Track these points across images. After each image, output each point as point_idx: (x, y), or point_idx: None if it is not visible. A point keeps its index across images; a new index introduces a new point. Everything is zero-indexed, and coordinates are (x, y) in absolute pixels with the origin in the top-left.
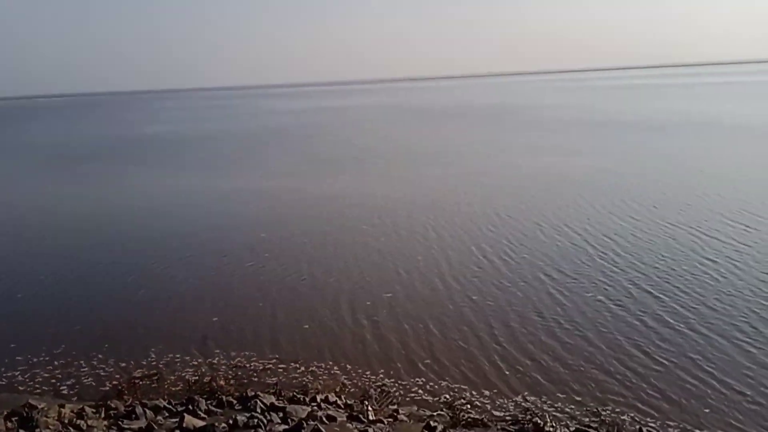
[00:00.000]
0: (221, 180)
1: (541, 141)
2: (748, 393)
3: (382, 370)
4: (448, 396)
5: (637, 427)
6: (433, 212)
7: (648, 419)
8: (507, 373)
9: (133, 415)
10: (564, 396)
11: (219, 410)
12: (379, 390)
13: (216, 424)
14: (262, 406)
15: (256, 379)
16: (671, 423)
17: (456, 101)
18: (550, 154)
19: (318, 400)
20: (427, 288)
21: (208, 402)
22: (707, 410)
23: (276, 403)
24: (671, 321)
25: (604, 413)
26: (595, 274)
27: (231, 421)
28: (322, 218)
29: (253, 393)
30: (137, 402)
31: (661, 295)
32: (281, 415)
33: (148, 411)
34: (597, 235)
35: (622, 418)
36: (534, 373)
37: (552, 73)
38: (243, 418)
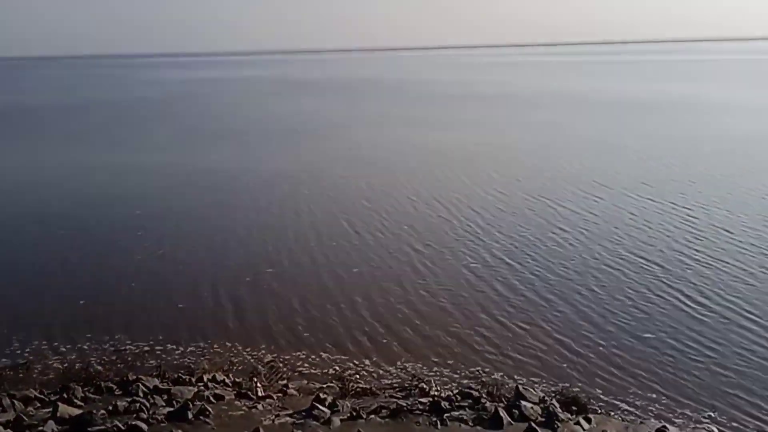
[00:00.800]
0: (92, 154)
1: (425, 114)
2: (586, 349)
3: (264, 346)
4: (337, 368)
5: (514, 384)
6: (310, 186)
7: (516, 377)
8: (384, 342)
9: (0, 408)
10: (438, 360)
11: (97, 397)
12: (268, 366)
13: (94, 411)
14: (144, 389)
15: (136, 363)
16: (535, 379)
17: (351, 74)
18: (431, 128)
19: (205, 379)
20: (298, 264)
21: (85, 389)
22: (565, 365)
23: (160, 385)
24: (523, 287)
25: (483, 375)
26: (459, 246)
27: (111, 407)
28: (197, 193)
29: (134, 377)
30: (4, 394)
31: (515, 264)
32: (166, 397)
33: (16, 402)
34: (464, 208)
35: (493, 377)
36: (409, 342)
37: (462, 48)
38: (124, 403)
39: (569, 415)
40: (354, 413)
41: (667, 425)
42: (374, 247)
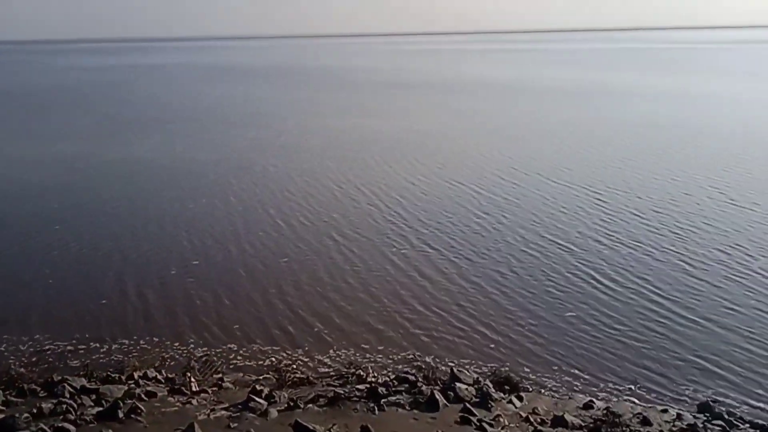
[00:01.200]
0: (4, 145)
1: (354, 102)
2: (511, 330)
3: (195, 341)
4: (273, 359)
5: (449, 367)
6: (237, 176)
7: (448, 359)
8: (314, 331)
9: None
10: (371, 347)
11: (20, 400)
12: (201, 360)
13: (17, 415)
14: (71, 390)
15: (60, 363)
16: (465, 360)
17: (284, 61)
18: (359, 115)
19: (136, 377)
20: (222, 255)
21: (7, 392)
22: (492, 345)
23: (87, 385)
24: (446, 272)
25: (418, 360)
26: (383, 233)
27: (35, 410)
28: (119, 185)
29: (59, 377)
30: None
31: (438, 249)
32: (94, 397)
33: None
34: (388, 194)
35: (426, 360)
36: (339, 331)
37: (396, 36)
38: (49, 405)
39: (502, 395)
40: (291, 403)
41: (594, 399)
42: (297, 236)
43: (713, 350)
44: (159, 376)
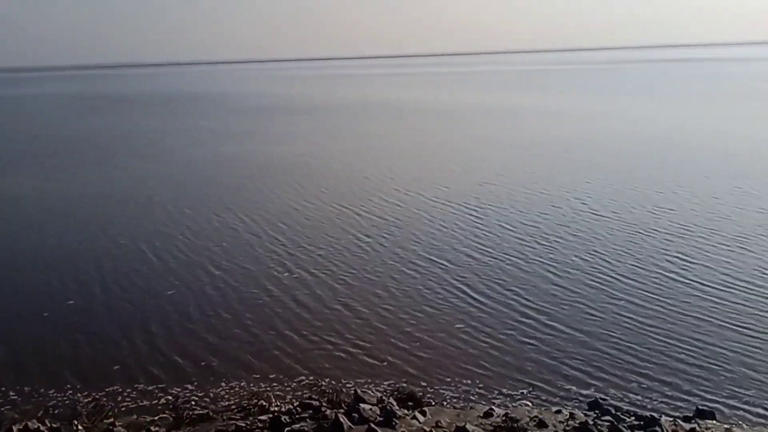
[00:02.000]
0: None
1: (247, 128)
2: (400, 349)
3: (74, 386)
4: (169, 397)
5: (352, 389)
6: (115, 211)
7: (344, 380)
8: (202, 364)
9: None
10: (260, 376)
11: None
12: (89, 406)
13: None
14: None
15: None
16: (360, 380)
17: (179, 88)
18: (249, 142)
19: (15, 430)
20: (94, 295)
21: None
22: (384, 364)
23: None
24: (326, 297)
25: (323, 384)
26: (262, 262)
27: None
28: None
29: None
30: None
31: (319, 274)
32: None
33: None
34: (270, 221)
35: (325, 383)
36: (226, 364)
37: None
38: None
39: (406, 411)
40: None
41: (493, 407)
42: (171, 271)
43: (586, 351)
44: (42, 427)
